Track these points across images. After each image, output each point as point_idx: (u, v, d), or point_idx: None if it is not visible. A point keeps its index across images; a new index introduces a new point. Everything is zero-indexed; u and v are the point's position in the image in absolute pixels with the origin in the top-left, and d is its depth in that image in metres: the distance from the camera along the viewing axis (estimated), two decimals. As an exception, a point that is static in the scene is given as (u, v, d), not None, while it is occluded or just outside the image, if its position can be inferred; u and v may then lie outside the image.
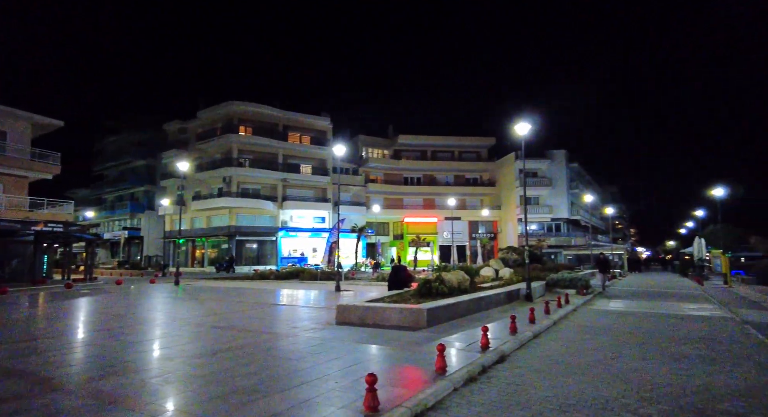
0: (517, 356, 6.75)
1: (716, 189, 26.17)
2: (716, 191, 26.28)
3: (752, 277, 28.21)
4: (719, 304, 14.73)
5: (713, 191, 26.44)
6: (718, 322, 10.63)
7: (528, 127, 14.35)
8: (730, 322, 10.65)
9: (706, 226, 42.37)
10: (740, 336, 8.70)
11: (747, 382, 5.39)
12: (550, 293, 16.40)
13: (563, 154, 46.88)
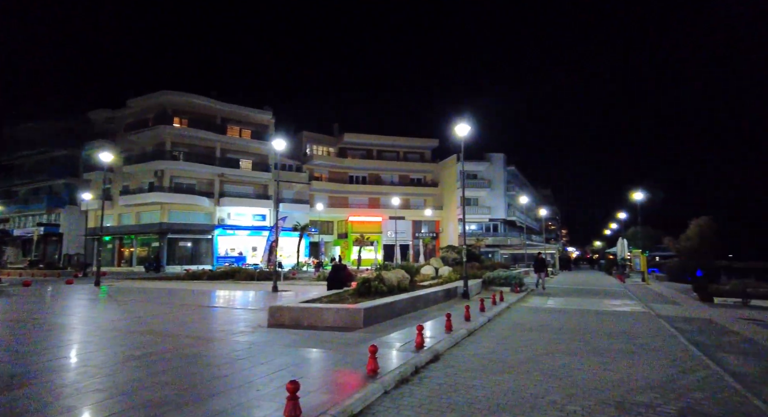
0: (452, 355, 6.71)
1: (637, 193, 28.32)
2: (637, 195, 28.42)
3: (665, 275, 30.85)
4: (638, 300, 15.81)
5: (634, 195, 28.58)
6: (637, 317, 11.35)
7: (467, 128, 14.61)
8: (647, 316, 11.40)
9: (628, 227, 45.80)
10: (655, 330, 9.29)
11: (661, 374, 5.67)
12: (486, 291, 16.83)
13: (501, 158, 48.76)
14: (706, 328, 9.87)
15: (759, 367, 6.33)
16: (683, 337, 8.37)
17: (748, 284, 15.99)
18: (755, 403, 4.60)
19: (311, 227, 40.75)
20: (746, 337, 8.75)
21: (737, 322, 10.87)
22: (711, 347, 7.71)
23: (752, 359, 6.86)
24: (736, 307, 14.50)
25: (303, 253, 40.12)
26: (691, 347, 7.36)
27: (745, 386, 5.27)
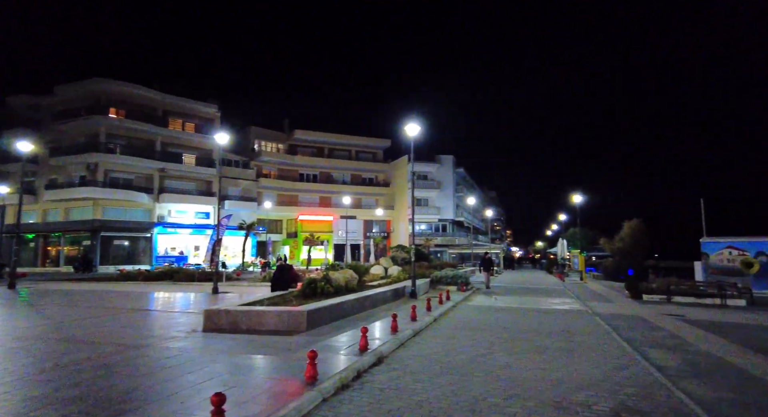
0: (396, 357, 6.57)
1: (576, 196, 29.82)
2: (576, 198, 29.93)
3: (601, 274, 32.72)
4: (576, 298, 16.55)
5: (574, 198, 30.08)
6: (575, 315, 11.81)
7: (417, 128, 14.63)
8: (584, 314, 11.90)
9: (567, 228, 48.24)
10: (592, 327, 9.68)
11: (597, 372, 5.83)
12: (433, 290, 16.95)
13: (451, 160, 49.76)
14: (637, 325, 10.42)
15: (681, 360, 6.70)
16: (617, 334, 8.75)
17: (671, 282, 17.20)
18: (678, 396, 4.80)
19: (258, 226, 39.46)
20: (671, 333, 9.30)
21: (663, 318, 11.59)
22: (641, 343, 8.11)
23: (675, 353, 7.26)
24: (661, 303, 15.52)
25: (249, 252, 38.79)
26: (624, 344, 7.69)
27: (670, 379, 5.52)
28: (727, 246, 21.84)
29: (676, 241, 39.50)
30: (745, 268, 20.83)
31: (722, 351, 7.49)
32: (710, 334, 9.26)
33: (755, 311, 13.80)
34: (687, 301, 15.80)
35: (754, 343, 8.33)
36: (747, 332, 9.66)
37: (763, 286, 20.12)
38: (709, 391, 5.20)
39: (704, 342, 8.30)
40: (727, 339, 8.66)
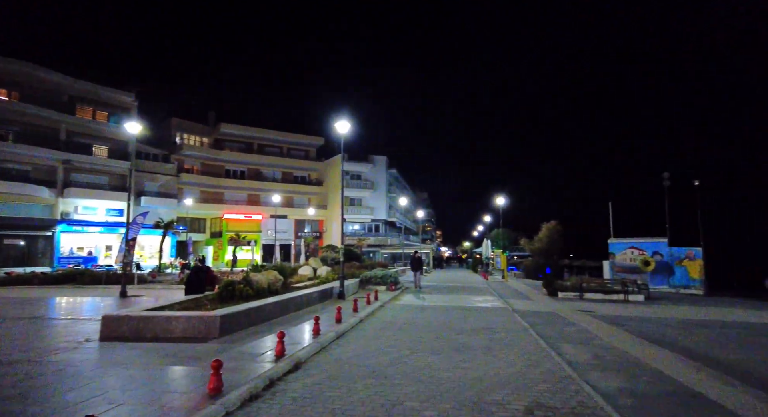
0: (315, 362, 6.25)
1: (500, 198, 31.31)
2: (499, 200, 31.41)
3: (522, 272, 34.62)
4: (498, 295, 17.22)
5: (498, 200, 31.55)
6: (496, 312, 12.20)
7: (348, 126, 14.39)
8: (504, 312, 12.34)
9: (492, 229, 50.55)
10: (511, 324, 10.02)
11: (514, 369, 5.95)
12: (363, 290, 16.78)
13: (384, 161, 50.08)
14: (552, 321, 10.97)
15: (589, 354, 7.07)
16: (533, 330, 9.11)
17: (583, 280, 18.49)
18: (586, 390, 4.98)
19: (178, 224, 36.93)
20: (581, 328, 9.88)
21: (575, 314, 12.35)
22: (555, 338, 8.50)
23: (585, 347, 7.68)
24: (574, 300, 16.62)
25: (168, 253, 36.21)
26: (540, 340, 8.00)
27: (579, 374, 5.76)
28: (630, 246, 24.01)
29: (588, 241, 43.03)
30: (643, 266, 23.02)
31: (624, 343, 8.05)
32: (615, 327, 9.97)
33: (651, 305, 15.21)
34: (596, 297, 17.06)
35: (649, 335, 9.07)
36: (645, 325, 10.53)
37: (657, 282, 22.38)
38: (612, 382, 5.48)
39: (609, 335, 8.89)
40: (628, 332, 9.36)
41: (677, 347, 7.81)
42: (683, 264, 22.34)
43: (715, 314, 13.01)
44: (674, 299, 17.88)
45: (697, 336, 9.13)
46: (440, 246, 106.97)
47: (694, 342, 8.41)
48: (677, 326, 10.44)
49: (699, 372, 6.08)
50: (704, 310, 14.14)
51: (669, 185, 23.81)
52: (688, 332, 9.58)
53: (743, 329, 10.17)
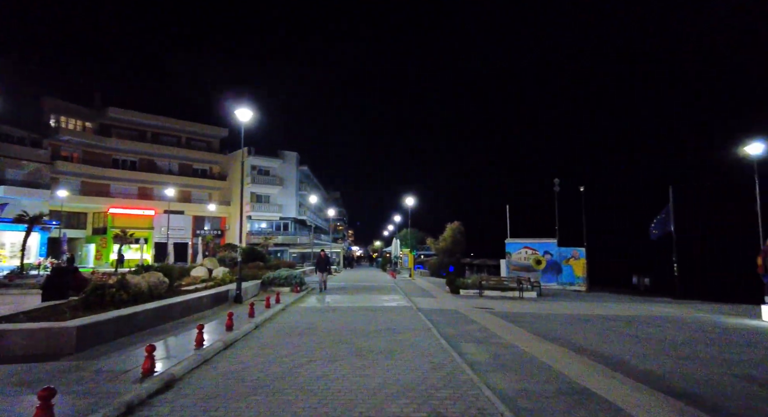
0: (193, 378, 5.38)
1: (409, 199, 31.85)
2: (408, 201, 31.96)
3: (428, 271, 35.63)
4: (404, 294, 17.25)
5: (407, 200, 32.09)
6: (401, 311, 12.05)
7: (249, 113, 13.28)
8: (409, 311, 12.24)
9: (401, 229, 51.54)
10: (415, 323, 9.86)
11: (415, 375, 5.64)
12: (264, 292, 15.72)
13: (295, 157, 48.50)
14: (454, 319, 11.08)
15: (489, 354, 7.08)
16: (436, 330, 9.02)
17: (482, 278, 19.32)
18: (486, 394, 4.82)
19: (50, 219, 32.04)
20: (481, 326, 10.06)
21: (475, 311, 12.68)
22: (457, 338, 8.47)
23: (485, 346, 7.71)
24: (475, 297, 17.24)
25: (36, 252, 31.25)
26: (442, 340, 7.87)
27: (480, 376, 5.64)
28: (524, 246, 25.76)
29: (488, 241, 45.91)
30: (535, 265, 24.82)
31: (520, 341, 8.26)
32: (512, 325, 10.31)
33: (542, 301, 16.30)
34: (494, 294, 17.88)
35: (543, 331, 9.49)
36: (538, 321, 11.08)
37: (548, 279, 24.28)
38: (512, 383, 5.43)
39: (507, 333, 9.12)
40: (524, 329, 9.71)
41: (567, 342, 8.20)
42: (569, 263, 24.49)
43: (597, 309, 14.25)
44: (562, 295, 19.43)
45: (584, 330, 9.75)
46: (351, 245, 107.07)
47: (582, 337, 8.93)
48: (566, 321, 11.14)
49: (588, 367, 6.32)
50: (587, 305, 15.45)
51: (559, 190, 26.03)
52: (575, 327, 10.22)
53: (620, 322, 11.15)
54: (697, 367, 6.50)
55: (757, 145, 15.03)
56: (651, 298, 18.59)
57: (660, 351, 7.57)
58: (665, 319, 11.93)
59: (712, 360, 6.99)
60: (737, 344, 8.51)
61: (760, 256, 12.68)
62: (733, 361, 6.97)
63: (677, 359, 6.97)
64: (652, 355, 7.28)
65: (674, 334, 9.38)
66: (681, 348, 7.94)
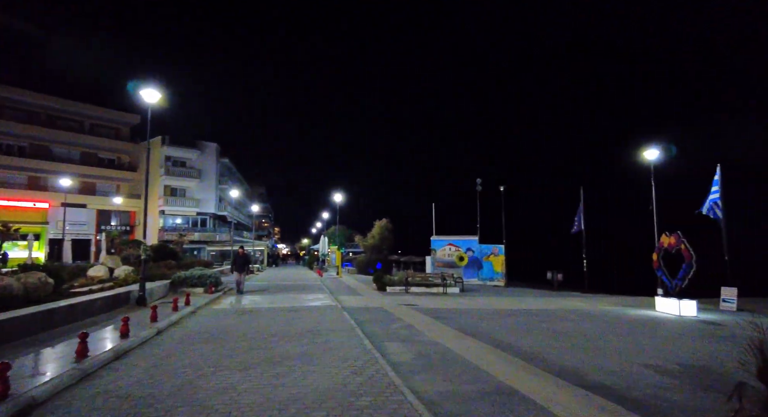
0: (62, 399, 4.44)
1: (337, 195, 31.26)
2: (337, 197, 31.37)
3: (355, 268, 35.30)
4: (330, 293, 16.69)
5: (335, 197, 31.48)
6: (325, 311, 11.49)
7: (157, 95, 11.90)
8: (333, 310, 11.72)
9: (330, 226, 50.75)
10: (339, 323, 9.38)
11: (335, 381, 5.17)
12: (174, 293, 14.30)
13: (215, 148, 45.54)
14: (379, 317, 10.76)
15: (413, 354, 6.81)
16: (360, 330, 8.62)
17: (408, 275, 19.33)
18: (410, 400, 4.48)
19: None
20: (406, 323, 9.84)
21: (401, 308, 12.50)
22: (381, 337, 8.13)
23: (409, 345, 7.44)
24: (401, 294, 17.15)
25: None
26: (365, 341, 7.47)
27: (404, 378, 5.31)
28: (448, 243, 26.34)
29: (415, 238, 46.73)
30: (458, 261, 25.47)
31: (445, 338, 8.12)
32: (436, 321, 10.22)
33: (465, 296, 16.62)
34: (420, 290, 17.94)
35: (466, 327, 9.48)
36: (462, 317, 11.12)
37: (469, 275, 25.02)
38: (436, 385, 5.16)
39: (432, 330, 8.96)
40: (448, 325, 9.63)
41: (490, 338, 8.20)
42: (489, 259, 25.45)
43: (516, 303, 14.75)
44: (483, 290, 20.05)
45: (505, 325, 9.90)
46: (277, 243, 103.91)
47: (504, 332, 9.02)
48: (488, 316, 11.30)
49: (511, 365, 6.26)
50: (507, 300, 15.98)
51: (481, 190, 26.95)
52: (497, 322, 10.37)
53: (538, 316, 11.54)
54: (609, 359, 6.72)
55: (653, 151, 16.50)
56: (563, 293, 19.79)
57: (576, 345, 7.81)
58: (577, 312, 12.60)
59: (621, 352, 7.31)
60: (641, 334, 9.10)
61: (655, 253, 13.88)
62: (639, 351, 7.35)
63: (592, 352, 7.19)
64: (570, 348, 7.47)
65: (587, 328, 9.84)
66: (594, 340, 8.28)
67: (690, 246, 12.63)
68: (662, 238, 13.64)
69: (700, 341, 8.33)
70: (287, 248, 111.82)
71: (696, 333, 9.27)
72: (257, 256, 45.43)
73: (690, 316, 11.78)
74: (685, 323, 10.72)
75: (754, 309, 13.51)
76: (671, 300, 12.61)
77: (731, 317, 11.74)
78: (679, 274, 12.81)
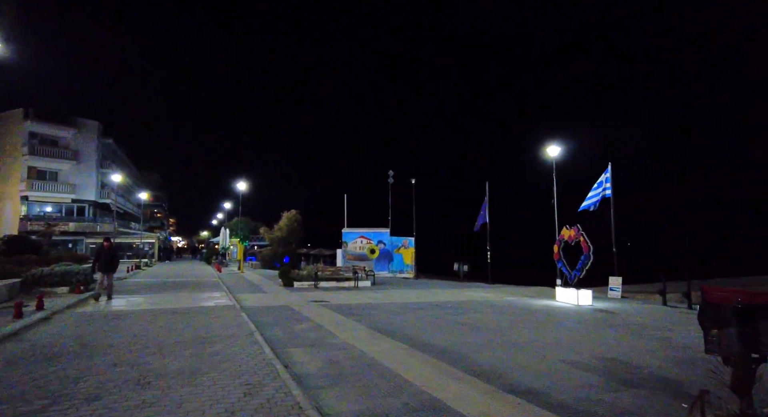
0: None
1: (239, 183, 28.90)
2: (239, 185, 29.01)
3: (261, 263, 33.17)
4: (228, 291, 15.00)
5: (237, 185, 29.07)
6: (219, 313, 10.02)
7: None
8: (230, 311, 10.28)
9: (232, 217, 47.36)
10: (235, 328, 8.07)
11: (220, 408, 4.03)
12: (28, 295, 11.64)
13: (96, 126, 39.67)
14: (284, 317, 9.63)
15: (323, 362, 5.88)
16: (260, 334, 7.44)
17: (318, 269, 18.28)
18: (320, 426, 3.56)
19: None
20: (315, 324, 8.86)
21: (309, 306, 11.45)
22: (285, 342, 7.06)
23: (318, 351, 6.49)
24: (310, 289, 16.05)
25: None
26: (266, 349, 6.34)
27: (310, 395, 4.37)
28: (360, 236, 25.72)
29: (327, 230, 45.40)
30: (370, 254, 25.00)
31: (358, 340, 7.30)
32: (348, 319, 9.38)
33: (377, 290, 16.06)
34: (330, 285, 16.99)
35: (380, 324, 8.78)
36: (374, 313, 10.42)
37: (380, 267, 24.68)
38: (350, 403, 4.29)
39: (344, 330, 8.10)
40: (361, 323, 8.85)
41: (405, 336, 7.56)
42: (400, 251, 25.34)
43: (427, 296, 14.51)
44: (393, 283, 19.73)
45: (419, 320, 9.39)
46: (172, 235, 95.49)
47: (418, 328, 8.46)
48: (401, 311, 10.75)
49: (432, 369, 5.63)
50: (417, 292, 15.72)
51: (393, 182, 26.72)
52: (411, 317, 9.84)
53: (449, 309, 11.28)
54: (529, 355, 6.43)
55: (555, 148, 17.36)
56: (469, 284, 20.23)
57: (492, 340, 7.48)
58: (486, 304, 12.64)
59: (538, 346, 7.11)
60: (549, 325, 9.16)
61: (556, 245, 14.53)
62: (553, 344, 7.22)
63: (510, 348, 6.88)
64: (487, 344, 7.10)
65: (498, 319, 9.72)
66: (507, 334, 8.07)
67: (588, 238, 13.36)
68: (563, 231, 14.28)
69: (603, 331, 8.55)
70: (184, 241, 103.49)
71: (596, 322, 9.60)
72: (146, 250, 40.79)
73: (586, 306, 12.40)
74: (583, 312, 11.19)
75: (634, 297, 14.83)
76: (570, 290, 13.22)
77: (620, 305, 12.62)
78: (578, 265, 13.50)
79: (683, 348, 7.00)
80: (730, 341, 3.69)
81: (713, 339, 3.81)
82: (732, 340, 3.68)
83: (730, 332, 3.70)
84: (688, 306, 12.06)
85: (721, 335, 3.75)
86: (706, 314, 3.88)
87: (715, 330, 3.79)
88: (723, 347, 3.72)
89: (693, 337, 7.88)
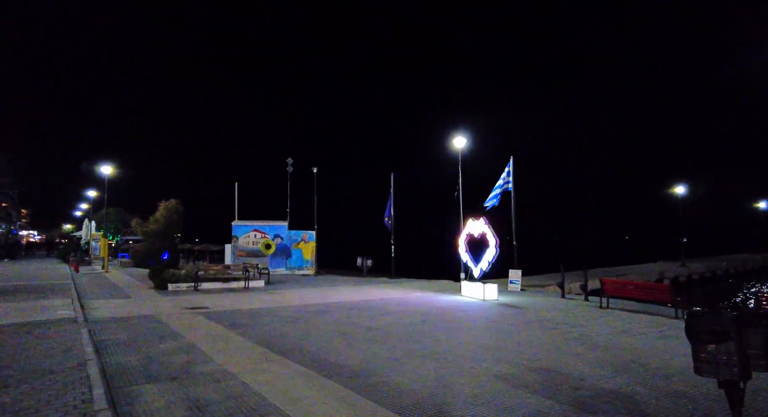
0: None
1: (106, 167, 24.30)
2: (105, 169, 24.41)
3: (132, 260, 28.58)
4: (77, 297, 11.87)
5: (103, 169, 24.41)
6: (47, 330, 7.37)
7: None
8: (68, 326, 7.68)
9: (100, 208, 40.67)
10: (60, 356, 5.75)
11: None
12: None
13: None
14: (145, 334, 7.41)
15: (180, 409, 4.10)
16: (99, 363, 5.32)
17: (200, 267, 15.73)
18: None
19: None
20: (185, 342, 6.85)
21: (183, 315, 9.26)
22: (134, 375, 5.05)
23: (180, 387, 4.63)
24: (188, 292, 13.54)
25: None
26: (98, 390, 4.32)
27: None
28: (253, 229, 23.23)
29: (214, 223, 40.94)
30: (265, 250, 22.70)
31: (241, 364, 5.58)
32: (232, 332, 7.52)
33: (271, 291, 14.12)
34: (215, 286, 14.61)
35: (272, 338, 7.10)
36: (266, 321, 8.68)
37: (277, 264, 22.53)
38: None
39: (223, 350, 6.26)
40: (247, 337, 7.08)
41: (307, 355, 6.02)
42: (299, 246, 23.42)
43: (329, 295, 13.07)
44: (292, 281, 17.89)
45: (322, 328, 7.90)
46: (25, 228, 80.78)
47: (322, 341, 6.97)
48: (300, 317, 9.14)
49: (343, 406, 4.19)
50: (318, 291, 14.18)
51: (292, 171, 24.63)
52: (311, 324, 8.30)
53: (356, 311, 9.96)
54: (463, 372, 5.34)
55: (461, 139, 17.00)
56: (373, 279, 19.18)
57: (409, 350, 6.31)
58: (394, 302, 11.59)
59: (466, 358, 6.10)
60: (465, 324, 8.34)
61: (459, 237, 14.09)
62: (481, 352, 6.28)
63: (439, 362, 5.75)
64: (404, 357, 5.91)
65: (410, 322, 8.65)
66: (424, 341, 6.98)
67: (494, 231, 13.04)
68: (468, 223, 13.83)
69: (521, 331, 7.92)
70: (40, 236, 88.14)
71: (509, 320, 9.03)
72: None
73: (492, 300, 12.01)
74: (492, 308, 10.68)
75: (532, 288, 15.04)
76: (476, 284, 12.76)
77: (523, 298, 12.46)
78: (482, 258, 13.14)
79: (606, 348, 6.52)
80: (730, 359, 2.91)
81: (708, 357, 3.00)
82: (733, 358, 2.90)
83: (730, 347, 2.93)
84: (585, 297, 12.30)
85: (719, 351, 2.96)
86: (702, 325, 3.04)
87: (713, 346, 2.99)
88: (723, 368, 2.92)
89: (607, 333, 7.60)
